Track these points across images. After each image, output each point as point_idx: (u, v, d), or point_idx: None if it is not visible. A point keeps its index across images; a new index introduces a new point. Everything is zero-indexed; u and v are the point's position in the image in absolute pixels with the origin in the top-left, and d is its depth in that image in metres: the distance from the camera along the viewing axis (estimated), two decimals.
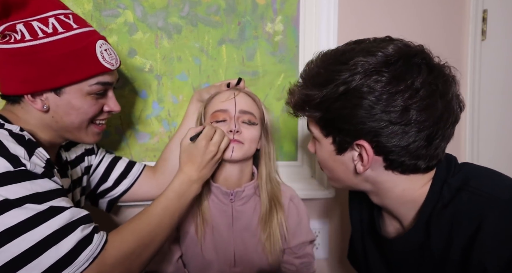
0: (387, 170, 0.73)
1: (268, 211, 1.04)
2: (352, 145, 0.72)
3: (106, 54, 0.87)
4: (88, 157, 1.08)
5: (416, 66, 0.68)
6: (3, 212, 0.67)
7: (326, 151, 0.78)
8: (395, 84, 0.66)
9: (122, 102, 1.23)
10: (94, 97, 0.88)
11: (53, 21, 0.82)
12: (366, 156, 0.71)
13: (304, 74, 0.78)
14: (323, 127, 0.76)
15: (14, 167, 0.70)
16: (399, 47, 0.69)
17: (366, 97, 0.66)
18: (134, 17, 1.22)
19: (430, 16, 1.40)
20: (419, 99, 0.66)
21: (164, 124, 1.28)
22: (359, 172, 0.74)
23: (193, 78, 1.28)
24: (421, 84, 0.66)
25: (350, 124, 0.69)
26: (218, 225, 1.04)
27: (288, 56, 1.33)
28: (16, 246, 0.66)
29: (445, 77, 0.70)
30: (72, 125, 0.87)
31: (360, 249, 1.00)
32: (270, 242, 1.03)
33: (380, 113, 0.66)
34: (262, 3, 1.30)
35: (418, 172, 0.74)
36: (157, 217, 0.85)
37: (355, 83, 0.67)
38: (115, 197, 1.12)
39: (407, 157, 0.70)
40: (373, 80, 0.66)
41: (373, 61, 0.67)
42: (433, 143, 0.70)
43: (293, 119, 1.35)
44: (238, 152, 0.99)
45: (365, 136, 0.69)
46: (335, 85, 0.69)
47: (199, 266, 1.04)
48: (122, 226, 0.82)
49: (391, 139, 0.68)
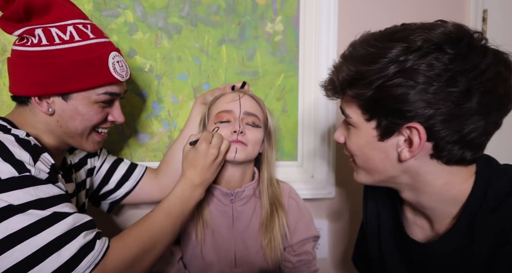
0: (432, 159, 0.68)
1: (269, 215, 1.04)
2: (401, 128, 0.67)
3: (118, 65, 0.89)
4: (91, 159, 1.08)
5: (481, 47, 0.64)
6: (7, 217, 0.67)
7: (365, 137, 0.72)
8: (460, 62, 0.62)
9: (122, 102, 1.22)
10: (101, 106, 0.89)
11: (71, 29, 0.84)
12: (417, 140, 0.65)
13: (348, 54, 0.72)
14: (368, 109, 0.70)
15: (19, 173, 0.71)
16: (460, 26, 0.65)
17: (425, 75, 0.62)
18: (134, 17, 1.22)
19: (430, 16, 1.37)
20: (484, 80, 0.62)
21: (164, 124, 1.28)
22: (404, 160, 0.69)
23: (193, 78, 1.28)
24: (487, 65, 0.62)
25: (404, 104, 0.64)
26: (218, 226, 1.04)
27: (288, 56, 1.33)
28: (19, 251, 0.67)
29: (507, 62, 0.66)
30: (76, 131, 0.88)
31: (375, 252, 0.94)
32: (271, 247, 1.03)
33: (439, 92, 0.62)
34: (262, 3, 1.29)
35: (462, 163, 0.69)
36: (159, 223, 0.85)
37: (412, 60, 0.62)
38: (117, 199, 1.12)
39: (459, 145, 0.65)
40: (434, 57, 0.62)
41: (435, 37, 0.63)
42: (488, 131, 0.66)
43: (293, 119, 1.36)
44: (241, 153, 0.99)
45: (419, 118, 0.64)
46: (389, 62, 0.64)
47: (199, 267, 1.04)
48: (125, 231, 0.82)
49: (448, 122, 0.63)
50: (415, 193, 0.75)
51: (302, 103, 1.36)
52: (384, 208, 0.92)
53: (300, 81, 1.34)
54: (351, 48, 0.72)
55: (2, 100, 1.17)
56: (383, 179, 0.76)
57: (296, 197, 1.13)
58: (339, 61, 0.74)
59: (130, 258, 0.77)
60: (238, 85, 1.08)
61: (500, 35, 1.36)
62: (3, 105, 1.17)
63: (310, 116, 1.36)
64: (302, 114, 1.36)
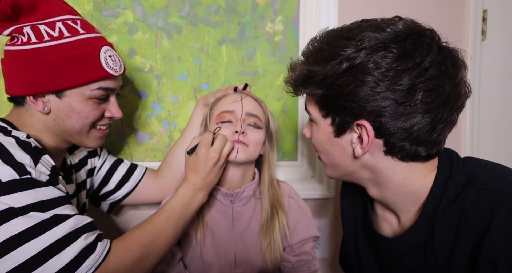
0: (387, 155, 0.70)
1: (270, 217, 1.04)
2: (352, 125, 0.69)
3: (110, 60, 0.88)
4: (91, 159, 1.08)
5: (426, 45, 0.65)
6: (8, 220, 0.67)
7: (323, 133, 0.75)
8: (403, 61, 0.63)
9: (122, 102, 1.23)
10: (96, 102, 0.88)
11: (60, 26, 0.83)
12: (366, 138, 0.68)
13: (306, 51, 0.74)
14: (323, 106, 0.73)
15: (20, 176, 0.71)
16: (409, 25, 0.67)
17: (371, 74, 0.64)
18: (134, 17, 1.21)
19: (430, 16, 1.38)
20: (427, 78, 0.63)
21: (164, 124, 1.27)
22: (358, 156, 0.71)
23: (193, 78, 1.27)
24: (430, 63, 0.64)
25: (352, 102, 0.66)
26: (218, 227, 1.04)
27: (288, 56, 1.32)
28: (20, 254, 0.67)
29: (455, 59, 0.68)
30: (73, 129, 0.87)
31: (353, 250, 0.97)
32: (271, 250, 1.03)
33: (385, 91, 0.64)
34: (262, 3, 1.29)
35: (418, 159, 0.71)
36: (161, 226, 0.85)
37: (360, 59, 0.64)
38: (117, 200, 1.12)
39: (409, 142, 0.67)
40: (380, 56, 0.64)
41: (381, 37, 0.64)
42: (437, 128, 0.67)
43: (293, 119, 1.36)
44: (242, 154, 0.98)
45: (367, 116, 0.66)
46: (339, 61, 0.66)
47: (199, 268, 1.04)
48: (126, 234, 0.82)
49: (394, 120, 0.65)
50: (379, 189, 0.77)
51: (302, 103, 1.36)
52: (358, 206, 0.94)
53: None
54: (310, 45, 0.74)
55: (2, 100, 1.16)
56: (346, 173, 0.78)
57: (296, 197, 1.13)
58: (297, 59, 0.77)
59: (131, 260, 0.77)
60: (240, 86, 1.08)
61: (500, 35, 1.36)
62: (3, 105, 1.16)
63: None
64: (302, 114, 1.36)
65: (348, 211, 0.98)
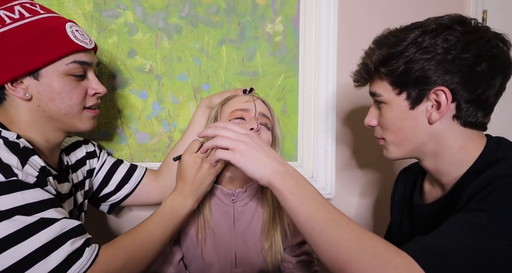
0: (454, 120, 0.78)
1: (272, 219, 1.02)
2: (428, 94, 0.77)
3: (79, 34, 0.85)
4: (90, 160, 1.05)
5: (482, 26, 0.77)
6: None
7: (397, 109, 0.82)
8: (469, 35, 0.74)
9: (122, 102, 1.22)
10: (74, 79, 0.85)
11: (19, 9, 0.81)
12: (445, 101, 0.75)
13: (375, 44, 0.85)
14: (398, 83, 0.79)
15: (6, 178, 0.68)
16: (461, 15, 0.79)
17: (443, 46, 0.74)
18: (134, 17, 1.19)
19: (430, 16, 1.39)
20: (490, 47, 0.74)
21: (164, 124, 1.25)
22: (434, 121, 0.78)
23: (193, 79, 1.25)
24: (489, 37, 0.75)
25: (429, 72, 0.75)
26: (219, 226, 1.01)
27: (288, 57, 1.31)
28: (4, 259, 0.64)
29: (502, 37, 0.77)
30: (60, 111, 0.84)
31: (397, 235, 1.02)
32: (272, 252, 1.01)
33: (456, 59, 0.73)
34: (262, 4, 1.27)
35: (475, 126, 0.79)
36: (149, 233, 0.84)
37: (430, 39, 0.75)
38: (117, 201, 1.09)
39: (474, 105, 0.76)
40: (447, 33, 0.74)
41: (445, 21, 0.77)
42: (497, 93, 0.78)
43: (293, 119, 1.35)
44: None
45: (443, 82, 0.75)
46: (411, 43, 0.76)
47: (199, 268, 1.01)
48: (115, 240, 0.79)
49: (466, 83, 0.75)
50: (436, 160, 0.84)
51: (302, 103, 1.35)
52: (408, 187, 1.02)
53: (300, 81, 1.33)
54: (376, 41, 0.85)
55: None
56: (413, 148, 0.84)
57: None
58: (368, 48, 0.86)
59: (119, 266, 0.75)
60: (248, 89, 1.09)
61: None
62: None
63: (310, 116, 1.35)
64: (302, 114, 1.35)
65: (399, 194, 1.06)
